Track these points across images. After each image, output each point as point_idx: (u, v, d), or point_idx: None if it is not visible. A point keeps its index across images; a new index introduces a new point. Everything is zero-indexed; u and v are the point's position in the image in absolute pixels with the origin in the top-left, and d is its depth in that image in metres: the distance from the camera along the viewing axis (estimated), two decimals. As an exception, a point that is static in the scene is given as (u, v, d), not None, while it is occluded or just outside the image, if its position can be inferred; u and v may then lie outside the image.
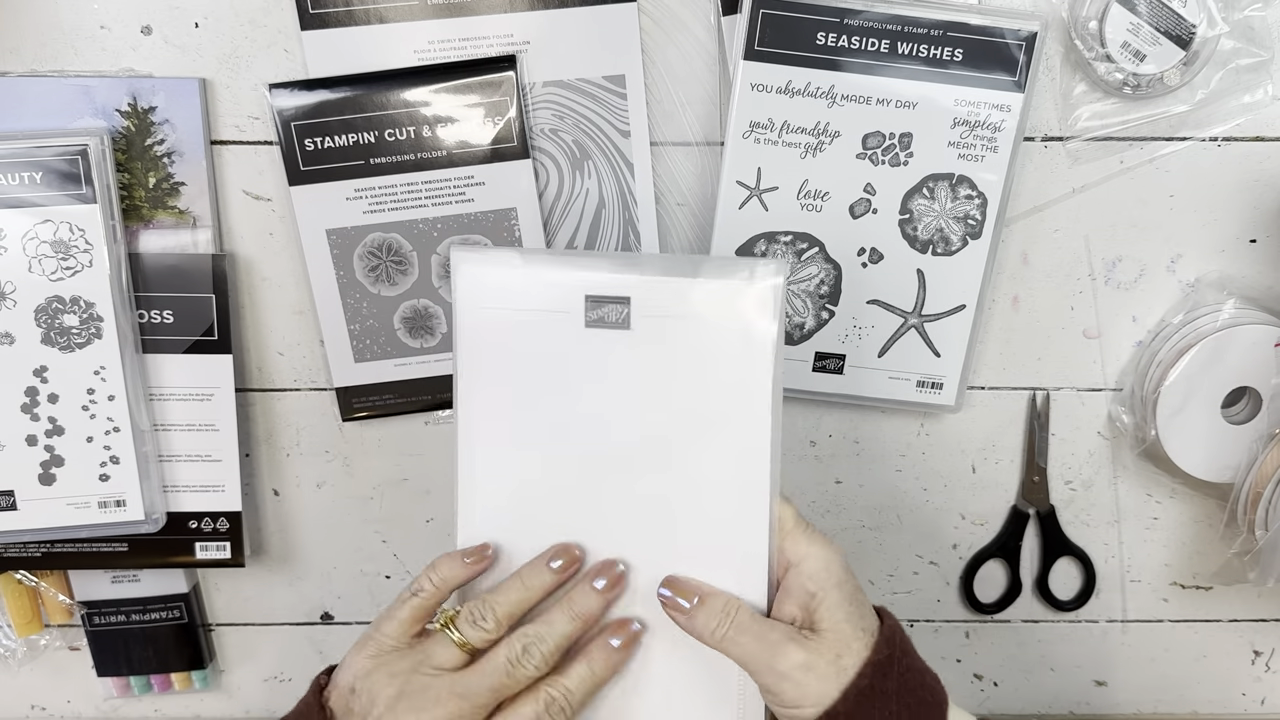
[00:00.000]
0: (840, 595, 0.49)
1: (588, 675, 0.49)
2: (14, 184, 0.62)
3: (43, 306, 0.64)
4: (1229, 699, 0.79)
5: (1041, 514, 0.73)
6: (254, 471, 0.72)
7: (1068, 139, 0.65)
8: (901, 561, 0.75)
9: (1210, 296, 0.68)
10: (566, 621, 0.50)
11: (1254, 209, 0.67)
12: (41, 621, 0.74)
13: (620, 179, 0.66)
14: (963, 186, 0.64)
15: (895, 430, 0.72)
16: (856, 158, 0.64)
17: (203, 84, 0.64)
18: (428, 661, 0.49)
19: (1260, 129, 0.65)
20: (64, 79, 0.63)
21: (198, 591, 0.75)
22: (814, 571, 0.49)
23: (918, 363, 0.67)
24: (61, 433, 0.65)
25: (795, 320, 0.67)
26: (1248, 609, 0.76)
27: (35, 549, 0.69)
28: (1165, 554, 0.75)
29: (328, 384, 0.70)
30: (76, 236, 0.63)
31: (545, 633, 0.49)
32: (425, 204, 0.65)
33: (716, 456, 0.50)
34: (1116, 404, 0.71)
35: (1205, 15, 0.61)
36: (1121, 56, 0.62)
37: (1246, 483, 0.66)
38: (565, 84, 0.64)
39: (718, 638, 0.49)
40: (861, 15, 0.61)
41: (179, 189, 0.65)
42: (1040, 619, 0.77)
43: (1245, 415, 0.68)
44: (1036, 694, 0.79)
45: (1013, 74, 0.62)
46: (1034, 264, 0.68)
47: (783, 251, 0.66)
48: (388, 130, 0.64)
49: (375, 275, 0.67)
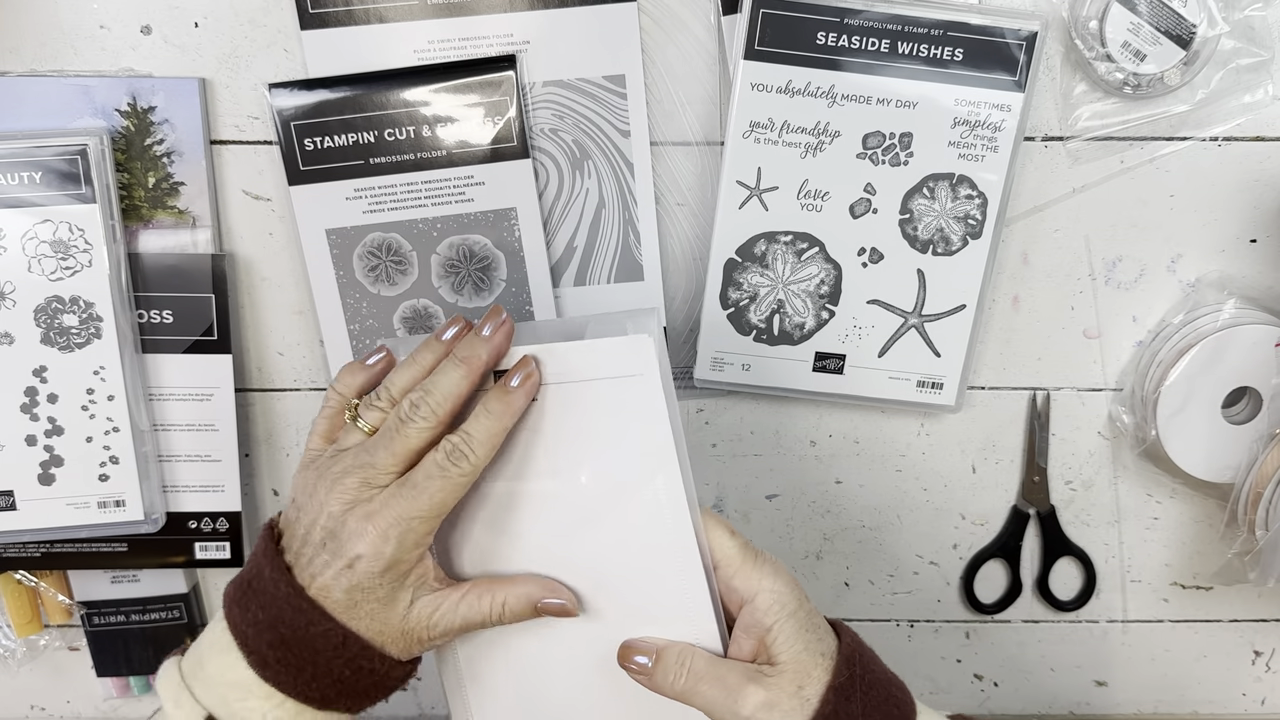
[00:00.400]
0: (795, 625, 0.48)
1: (484, 417, 0.48)
2: (13, 184, 0.62)
3: (42, 306, 0.64)
4: (1229, 699, 0.79)
5: (1042, 514, 0.73)
6: (254, 471, 0.72)
7: (1068, 139, 0.65)
8: (902, 561, 0.75)
9: (1211, 296, 0.68)
10: (452, 369, 0.48)
11: (1254, 209, 0.67)
12: (41, 622, 0.74)
13: (620, 179, 0.66)
14: (963, 186, 0.64)
15: (895, 430, 0.72)
16: (857, 157, 0.64)
17: (202, 84, 0.64)
18: (338, 449, 0.50)
19: (1260, 129, 0.65)
20: (63, 79, 0.63)
21: (197, 592, 0.75)
22: (767, 605, 0.49)
23: (918, 363, 0.67)
24: (61, 433, 0.65)
25: (795, 320, 0.67)
26: (1248, 609, 0.76)
27: (35, 549, 0.69)
28: (1166, 554, 0.75)
29: (327, 384, 0.70)
30: (76, 236, 0.63)
31: (430, 384, 0.48)
32: (425, 204, 0.65)
33: (639, 511, 0.50)
34: (1117, 404, 0.71)
35: (1206, 15, 0.61)
36: (1122, 56, 0.62)
37: (1247, 483, 0.66)
38: (565, 84, 0.64)
39: (678, 690, 0.49)
40: (862, 15, 0.61)
41: (178, 189, 0.65)
42: (1041, 619, 0.77)
43: (1246, 415, 0.68)
44: (1037, 694, 0.79)
45: (1013, 74, 0.62)
46: (1034, 264, 0.68)
47: (783, 251, 0.66)
48: (387, 130, 0.64)
49: (375, 275, 0.67)
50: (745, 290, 0.67)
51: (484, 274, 0.67)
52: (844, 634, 0.50)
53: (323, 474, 0.49)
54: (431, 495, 0.47)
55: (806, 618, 0.49)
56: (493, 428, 0.48)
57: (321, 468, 0.49)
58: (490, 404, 0.48)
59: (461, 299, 0.67)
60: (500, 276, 0.67)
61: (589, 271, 0.68)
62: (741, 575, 0.49)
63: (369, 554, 0.47)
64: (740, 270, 0.66)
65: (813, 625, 0.49)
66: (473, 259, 0.67)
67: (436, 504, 0.47)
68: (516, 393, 0.49)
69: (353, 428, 0.50)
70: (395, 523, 0.47)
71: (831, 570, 0.76)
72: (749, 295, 0.67)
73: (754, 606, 0.49)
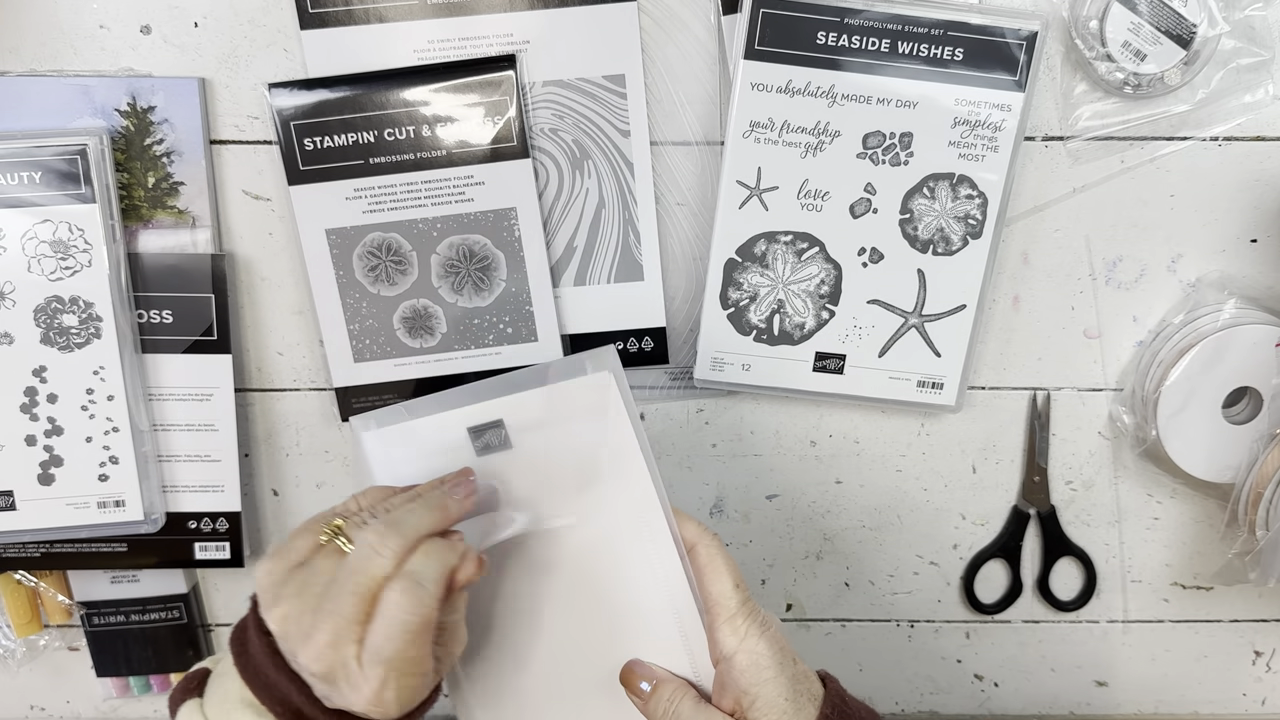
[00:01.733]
0: (773, 691, 0.48)
1: (425, 524, 0.46)
2: (13, 184, 0.62)
3: (42, 306, 0.64)
4: (1230, 699, 0.79)
5: (1042, 514, 0.73)
6: (253, 471, 0.72)
7: (1068, 138, 0.65)
8: (902, 561, 0.75)
9: (1211, 296, 0.68)
10: (425, 511, 0.47)
11: (1255, 209, 0.67)
12: (41, 622, 0.74)
13: (620, 178, 0.66)
14: (963, 186, 0.64)
15: (895, 430, 0.72)
16: (857, 157, 0.64)
17: (202, 84, 0.64)
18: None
19: (1261, 128, 0.65)
20: (63, 79, 0.63)
21: (197, 592, 0.75)
22: (744, 668, 0.48)
23: (918, 363, 0.67)
24: (61, 433, 0.65)
25: (795, 320, 0.67)
26: (1248, 609, 0.76)
27: (34, 549, 0.69)
28: (1166, 554, 0.75)
29: (327, 384, 0.70)
30: (76, 236, 0.63)
31: (398, 518, 0.46)
32: (425, 204, 0.65)
33: (628, 545, 0.51)
34: (1117, 404, 0.70)
35: (1206, 15, 0.61)
36: (1122, 56, 0.61)
37: (1247, 483, 0.66)
38: (565, 83, 0.64)
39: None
40: (862, 15, 0.61)
41: (178, 189, 0.65)
42: (1041, 619, 0.77)
43: (1246, 415, 0.68)
44: (1037, 694, 0.79)
45: (1013, 73, 0.62)
46: (1034, 264, 0.68)
47: (783, 251, 0.66)
48: (387, 130, 0.64)
49: (375, 275, 0.66)
50: (745, 290, 0.67)
51: (484, 274, 0.67)
52: (830, 682, 0.50)
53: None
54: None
55: (788, 683, 0.48)
56: (430, 523, 0.47)
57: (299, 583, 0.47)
58: (429, 497, 0.48)
59: (461, 299, 0.67)
60: (500, 276, 0.67)
61: (589, 271, 0.68)
62: (729, 627, 0.49)
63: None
64: (740, 270, 0.66)
65: (795, 692, 0.48)
66: (473, 259, 0.66)
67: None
68: (454, 497, 0.48)
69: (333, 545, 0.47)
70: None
71: (831, 570, 0.76)
72: (749, 295, 0.67)
73: (731, 666, 0.49)
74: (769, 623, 0.50)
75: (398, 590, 0.44)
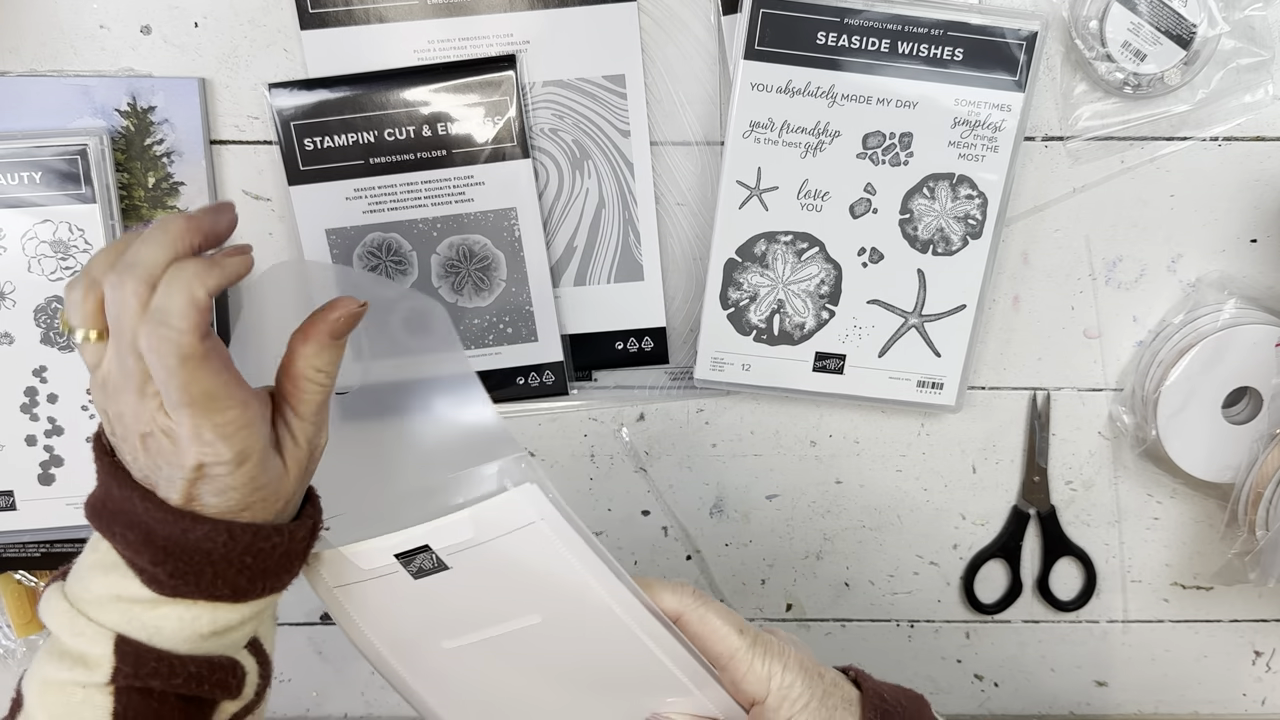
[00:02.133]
0: (808, 717, 0.47)
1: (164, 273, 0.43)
2: (13, 184, 0.62)
3: (42, 306, 0.64)
4: (1230, 699, 0.79)
5: (1042, 514, 0.73)
6: (253, 472, 0.72)
7: (1068, 139, 0.65)
8: (902, 561, 0.75)
9: (1211, 296, 0.68)
10: (154, 239, 0.44)
11: (1255, 209, 0.67)
12: (40, 622, 0.74)
13: (620, 179, 0.66)
14: (963, 186, 0.64)
15: (895, 430, 0.72)
16: (857, 157, 0.64)
17: (202, 84, 0.64)
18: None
19: (1261, 129, 0.65)
20: (63, 79, 0.63)
21: (197, 592, 0.75)
22: (776, 705, 0.47)
23: (918, 363, 0.67)
24: (61, 433, 0.65)
25: (795, 320, 0.67)
26: (1248, 609, 0.76)
27: (35, 549, 0.69)
28: (1166, 554, 0.75)
29: (327, 384, 0.70)
30: (76, 236, 0.63)
31: (129, 258, 0.43)
32: (425, 204, 0.65)
33: (608, 630, 0.49)
34: (1117, 404, 0.71)
35: (1206, 15, 0.61)
36: (1122, 56, 0.62)
37: (1247, 483, 0.66)
38: (565, 84, 0.64)
39: None
40: (862, 15, 0.61)
41: (178, 189, 0.65)
42: (1041, 619, 0.77)
43: (1246, 415, 0.68)
44: (1037, 694, 0.79)
45: (1013, 73, 0.62)
46: (1034, 264, 0.68)
47: (783, 251, 0.66)
48: (387, 130, 0.64)
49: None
50: (745, 290, 0.67)
51: (484, 274, 0.67)
52: (863, 680, 0.49)
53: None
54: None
55: (820, 704, 0.47)
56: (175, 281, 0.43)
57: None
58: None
59: (461, 299, 0.67)
60: (500, 276, 0.67)
61: (589, 271, 0.68)
62: (751, 676, 0.47)
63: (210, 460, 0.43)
64: (740, 270, 0.66)
65: (827, 703, 0.47)
66: (473, 259, 0.67)
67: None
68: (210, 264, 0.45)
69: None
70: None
71: (831, 570, 0.76)
72: (749, 295, 0.67)
73: (765, 708, 0.47)
74: (785, 650, 0.48)
75: (143, 336, 0.42)
